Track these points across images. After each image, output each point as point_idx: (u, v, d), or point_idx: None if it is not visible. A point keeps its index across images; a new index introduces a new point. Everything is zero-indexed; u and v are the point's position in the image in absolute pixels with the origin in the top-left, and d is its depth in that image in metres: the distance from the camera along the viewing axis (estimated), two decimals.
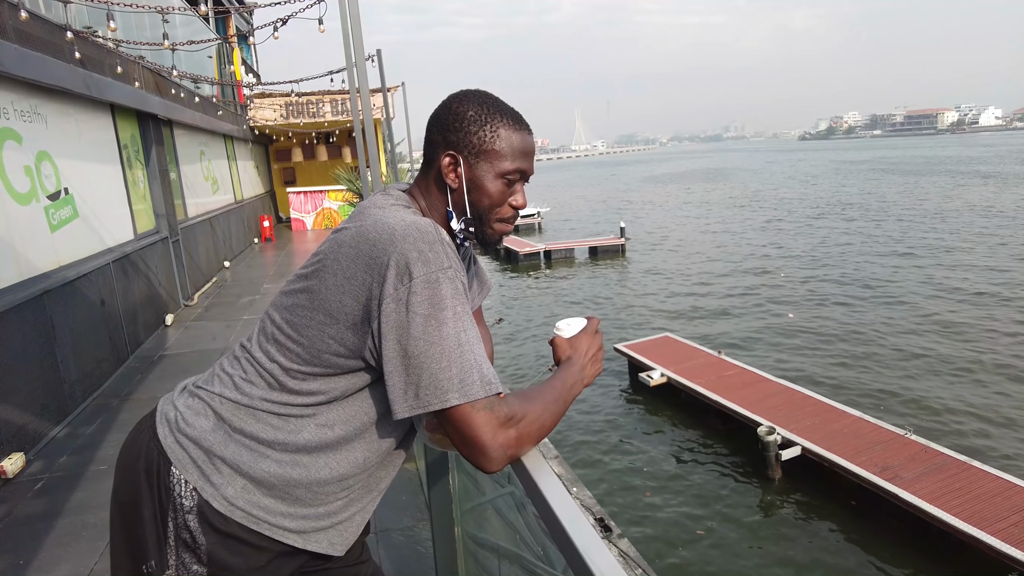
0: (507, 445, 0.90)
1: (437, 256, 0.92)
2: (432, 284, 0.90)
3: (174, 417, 1.05)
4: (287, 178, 20.04)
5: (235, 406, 1.03)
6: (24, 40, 4.70)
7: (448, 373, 0.88)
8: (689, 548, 6.55)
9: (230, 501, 0.99)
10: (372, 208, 1.03)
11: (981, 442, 8.24)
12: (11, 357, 3.93)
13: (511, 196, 1.08)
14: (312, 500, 1.04)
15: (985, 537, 5.57)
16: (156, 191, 7.92)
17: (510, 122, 1.06)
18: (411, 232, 0.93)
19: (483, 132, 1.04)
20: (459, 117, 1.05)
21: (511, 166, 1.05)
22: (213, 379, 1.09)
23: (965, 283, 16.14)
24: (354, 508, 1.10)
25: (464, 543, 1.88)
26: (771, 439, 7.41)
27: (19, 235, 4.42)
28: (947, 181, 44.41)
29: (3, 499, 3.43)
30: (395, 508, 3.11)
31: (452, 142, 1.05)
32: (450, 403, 0.88)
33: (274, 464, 1.01)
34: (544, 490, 0.85)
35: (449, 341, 0.89)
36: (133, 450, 1.07)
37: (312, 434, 1.01)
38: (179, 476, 1.00)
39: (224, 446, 1.01)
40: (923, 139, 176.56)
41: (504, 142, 1.05)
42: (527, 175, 1.09)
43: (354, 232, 0.97)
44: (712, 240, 25.59)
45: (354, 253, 0.95)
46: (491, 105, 1.06)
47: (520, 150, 1.06)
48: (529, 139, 1.07)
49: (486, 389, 0.89)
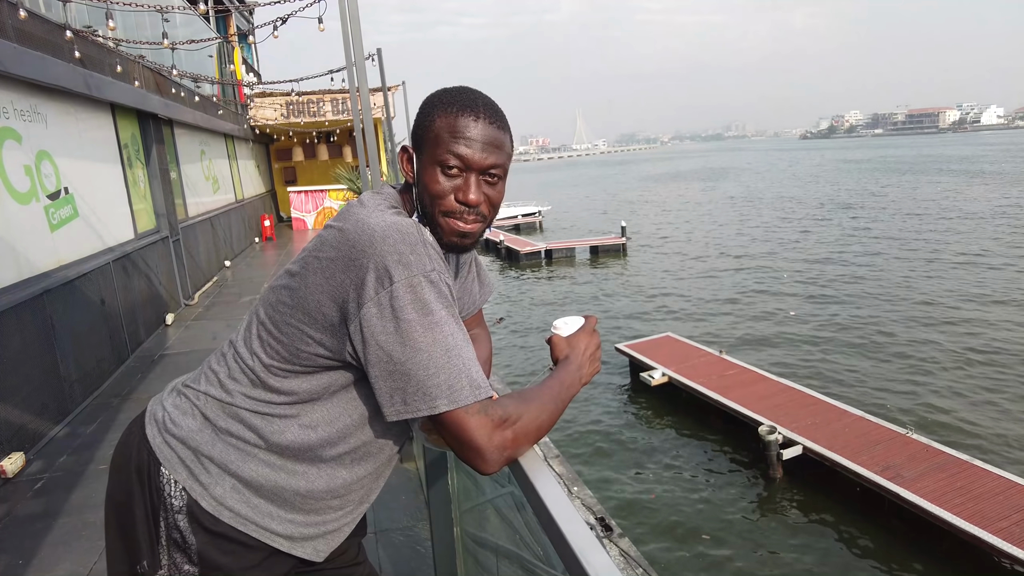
0: (503, 446, 0.89)
1: (419, 258, 0.90)
2: (414, 288, 0.88)
3: (162, 417, 1.05)
4: (288, 177, 20.05)
5: (220, 404, 1.02)
6: (24, 39, 4.70)
7: (436, 380, 0.86)
8: (690, 547, 6.55)
9: (219, 500, 0.99)
10: (357, 207, 1.01)
11: (983, 441, 8.22)
12: (11, 356, 3.93)
13: (455, 189, 0.99)
14: (303, 506, 1.03)
15: (986, 536, 5.56)
16: (156, 190, 7.92)
17: (451, 109, 0.99)
18: (391, 234, 0.90)
19: (424, 121, 1.02)
20: (418, 111, 1.05)
21: (443, 152, 0.98)
22: (200, 377, 1.08)
23: (968, 283, 16.12)
24: (345, 519, 1.10)
25: (463, 543, 1.88)
26: (772, 438, 7.40)
27: (19, 234, 4.42)
28: (950, 180, 44.35)
29: (3, 498, 3.43)
30: (394, 508, 3.11)
31: (412, 136, 1.06)
32: (439, 409, 0.87)
33: (262, 465, 1.00)
34: (540, 490, 0.85)
35: (436, 347, 0.87)
36: (125, 451, 1.07)
37: (295, 435, 1.00)
38: (168, 476, 1.00)
39: (211, 445, 1.00)
40: (925, 138, 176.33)
41: (439, 129, 0.99)
42: (471, 165, 0.98)
43: (336, 232, 0.96)
44: (713, 239, 25.56)
45: (335, 254, 0.93)
46: (440, 95, 1.02)
47: (455, 135, 0.97)
48: (473, 125, 0.98)
49: (475, 394, 0.88)
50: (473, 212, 1.01)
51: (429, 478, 1.86)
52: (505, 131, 1.02)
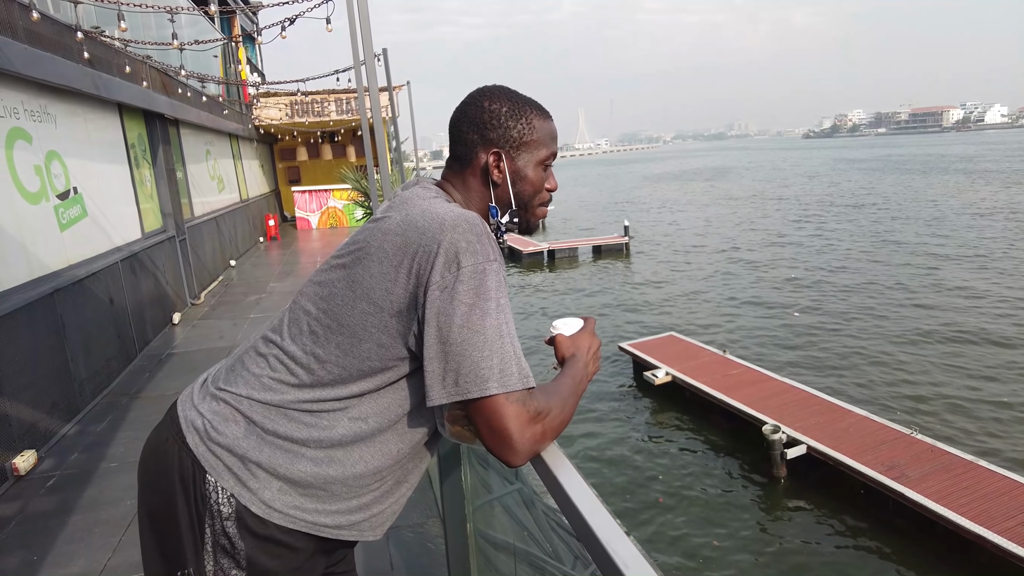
0: (534, 440, 0.91)
1: (484, 248, 0.94)
2: (479, 274, 0.92)
3: (202, 425, 1.03)
4: (292, 177, 20.08)
5: (265, 407, 1.01)
6: (34, 40, 4.73)
7: (489, 362, 0.89)
8: (693, 546, 6.56)
9: (268, 504, 0.99)
10: (416, 199, 1.04)
11: (988, 442, 8.22)
12: (22, 355, 3.96)
13: (546, 181, 1.16)
14: (347, 494, 1.04)
15: (992, 536, 5.57)
16: (163, 190, 7.96)
17: (539, 112, 1.13)
18: (460, 223, 0.95)
19: (520, 125, 1.10)
20: (495, 115, 1.09)
21: (547, 152, 1.13)
22: (237, 379, 1.06)
23: (972, 282, 16.09)
24: (388, 500, 1.10)
25: (475, 540, 1.89)
26: (776, 438, 7.41)
27: (30, 234, 4.46)
28: (957, 179, 44.22)
29: (16, 496, 3.46)
30: (406, 505, 3.13)
31: (492, 139, 1.09)
32: (489, 391, 0.88)
33: (310, 463, 1.00)
34: (563, 482, 0.86)
35: (491, 331, 0.90)
36: (163, 459, 1.05)
37: (346, 428, 1.00)
38: (215, 483, 0.99)
39: (259, 451, 1.00)
40: (928, 137, 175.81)
41: (539, 132, 1.12)
42: (554, 159, 1.16)
43: (400, 220, 0.98)
44: (715, 238, 25.54)
45: (402, 241, 0.95)
46: (520, 99, 1.12)
47: (551, 136, 1.14)
48: (554, 125, 1.15)
49: (523, 382, 0.90)
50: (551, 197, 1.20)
51: (441, 475, 1.88)
52: None
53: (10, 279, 4.09)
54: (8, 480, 3.60)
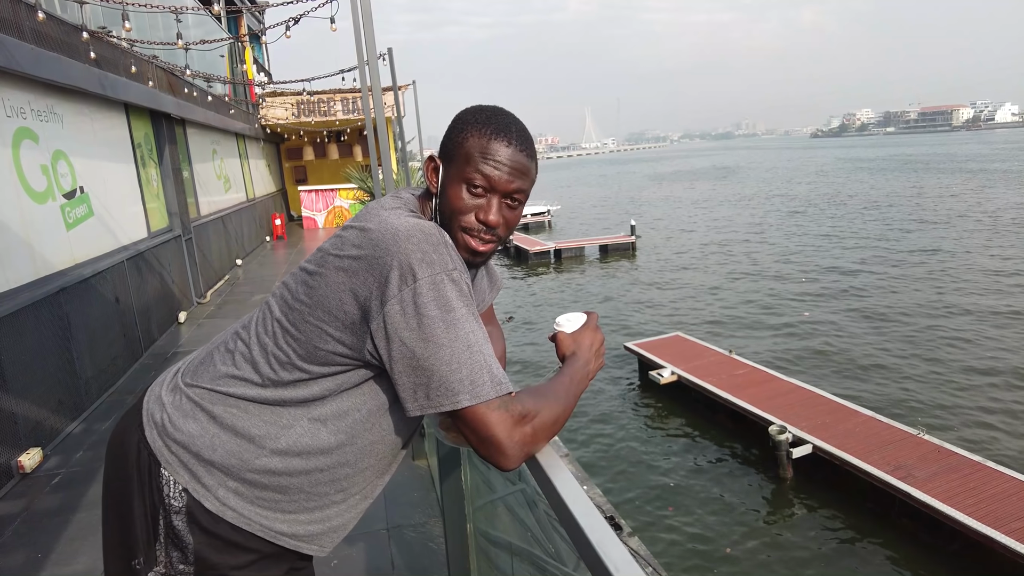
0: (524, 442, 0.90)
1: (441, 257, 0.92)
2: (437, 286, 0.90)
3: (161, 420, 1.04)
4: (298, 176, 20.15)
5: (225, 399, 1.02)
6: (41, 41, 4.76)
7: (459, 375, 0.88)
8: (697, 545, 6.54)
9: (222, 502, 1.00)
10: (379, 209, 1.02)
11: (995, 443, 8.16)
12: (29, 353, 3.98)
13: (477, 207, 1.02)
14: (306, 503, 1.04)
15: (999, 537, 5.52)
16: (169, 189, 7.99)
17: (484, 130, 1.01)
18: (414, 234, 0.93)
19: (456, 137, 1.04)
20: (450, 125, 1.07)
21: (472, 171, 1.01)
22: (204, 374, 1.07)
23: (979, 284, 15.98)
24: (348, 514, 1.10)
25: (476, 540, 1.89)
26: (782, 438, 7.37)
27: (36, 233, 4.48)
28: (967, 179, 43.92)
29: (22, 493, 3.49)
30: (407, 505, 3.14)
31: (441, 148, 1.08)
32: (461, 404, 0.88)
33: (267, 463, 1.00)
34: (558, 485, 0.86)
35: (458, 343, 0.89)
36: (123, 447, 1.07)
37: (304, 429, 1.01)
38: (168, 477, 1.01)
39: (213, 449, 1.00)
40: (938, 136, 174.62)
41: (468, 147, 1.01)
42: (496, 188, 1.01)
43: (358, 232, 0.98)
44: (722, 238, 25.45)
45: (358, 252, 0.95)
46: (476, 113, 1.05)
47: (485, 156, 1.00)
48: (504, 149, 1.00)
49: (496, 389, 0.89)
50: (490, 232, 1.04)
51: (442, 475, 1.88)
52: (532, 158, 1.05)
53: (16, 278, 4.11)
54: (14, 478, 3.63)
